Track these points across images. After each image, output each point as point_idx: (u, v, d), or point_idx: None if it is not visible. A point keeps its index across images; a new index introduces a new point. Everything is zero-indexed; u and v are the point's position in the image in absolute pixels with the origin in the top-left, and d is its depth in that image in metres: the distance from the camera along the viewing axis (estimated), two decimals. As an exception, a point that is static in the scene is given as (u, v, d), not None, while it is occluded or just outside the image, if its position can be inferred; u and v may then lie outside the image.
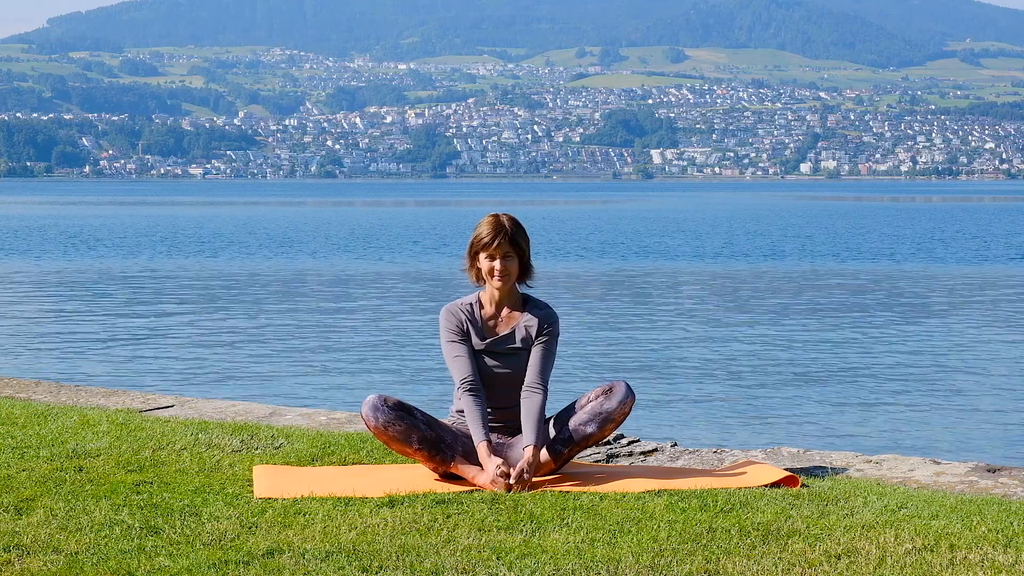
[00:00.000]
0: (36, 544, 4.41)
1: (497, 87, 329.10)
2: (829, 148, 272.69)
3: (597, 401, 5.57)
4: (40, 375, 14.73)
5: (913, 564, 4.23)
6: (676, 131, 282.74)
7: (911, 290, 27.57)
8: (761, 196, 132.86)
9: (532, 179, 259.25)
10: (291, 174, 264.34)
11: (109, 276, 30.62)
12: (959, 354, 17.34)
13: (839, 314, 22.44)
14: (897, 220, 68.02)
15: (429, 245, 43.82)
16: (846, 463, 5.98)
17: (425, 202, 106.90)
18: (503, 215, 5.71)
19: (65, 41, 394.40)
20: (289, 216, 72.40)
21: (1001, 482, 5.58)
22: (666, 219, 68.18)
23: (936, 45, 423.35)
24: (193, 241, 45.71)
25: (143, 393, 8.36)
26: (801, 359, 16.89)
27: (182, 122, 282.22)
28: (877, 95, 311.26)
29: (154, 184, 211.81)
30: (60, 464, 5.65)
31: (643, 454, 6.25)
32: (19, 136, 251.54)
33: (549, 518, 4.79)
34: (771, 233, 52.67)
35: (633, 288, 28.09)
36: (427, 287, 28.20)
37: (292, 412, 7.52)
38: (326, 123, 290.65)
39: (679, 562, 4.24)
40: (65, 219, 65.51)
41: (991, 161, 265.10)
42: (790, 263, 35.55)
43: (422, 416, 5.55)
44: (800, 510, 4.89)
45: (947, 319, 21.70)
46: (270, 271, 32.30)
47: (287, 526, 4.68)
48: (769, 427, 12.39)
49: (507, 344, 5.65)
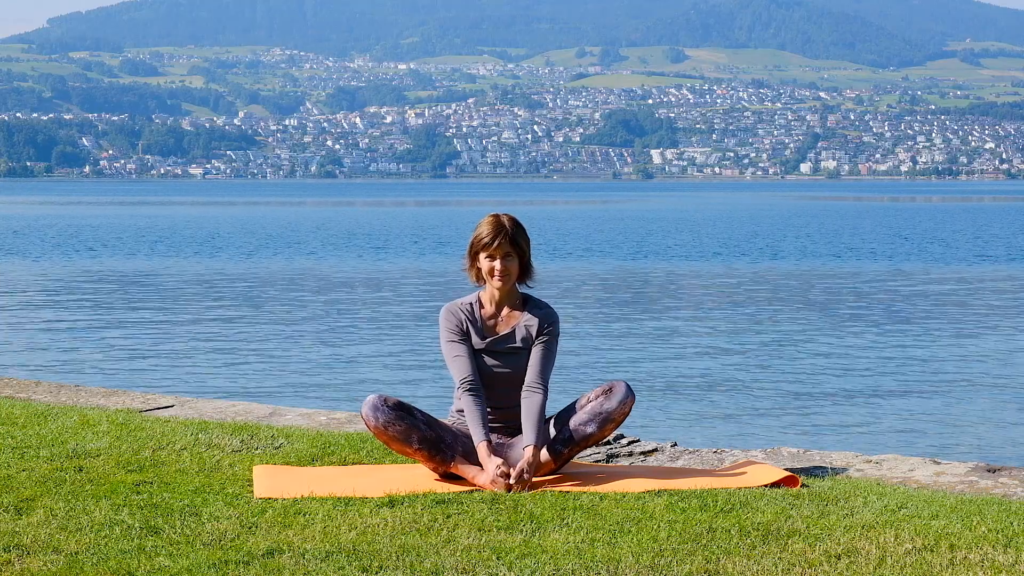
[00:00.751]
0: (36, 544, 4.41)
1: (497, 87, 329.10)
2: (829, 148, 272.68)
3: (597, 401, 5.56)
4: (40, 375, 14.73)
5: (913, 564, 4.23)
6: (676, 131, 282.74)
7: (911, 290, 27.56)
8: (761, 196, 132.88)
9: (532, 179, 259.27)
10: (291, 174, 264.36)
11: (109, 276, 30.61)
12: (959, 354, 17.34)
13: (839, 314, 22.44)
14: (897, 220, 68.02)
15: (429, 245, 43.82)
16: (846, 463, 5.98)
17: (425, 202, 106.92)
18: (503, 215, 5.71)
19: (65, 41, 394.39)
20: (289, 216, 72.40)
21: (1001, 482, 5.58)
22: (666, 219, 68.18)
23: (936, 45, 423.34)
24: (193, 241, 45.71)
25: (143, 393, 8.35)
26: (801, 359, 16.89)
27: (182, 122, 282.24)
28: (877, 95, 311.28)
29: (154, 184, 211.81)
30: (60, 464, 5.65)
31: (643, 454, 6.24)
32: (19, 136, 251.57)
33: (549, 518, 4.79)
34: (771, 233, 52.66)
35: (633, 288, 28.09)
36: (427, 287, 28.20)
37: (292, 412, 7.52)
38: (326, 123, 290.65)
39: (679, 562, 4.24)
40: (65, 219, 65.51)
41: (991, 161, 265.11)
42: (790, 263, 35.55)
43: (422, 416, 5.54)
44: (800, 510, 4.89)
45: (947, 319, 21.70)
46: (270, 271, 32.30)
47: (287, 526, 4.68)
48: (769, 427, 12.39)
49: (507, 344, 5.64)
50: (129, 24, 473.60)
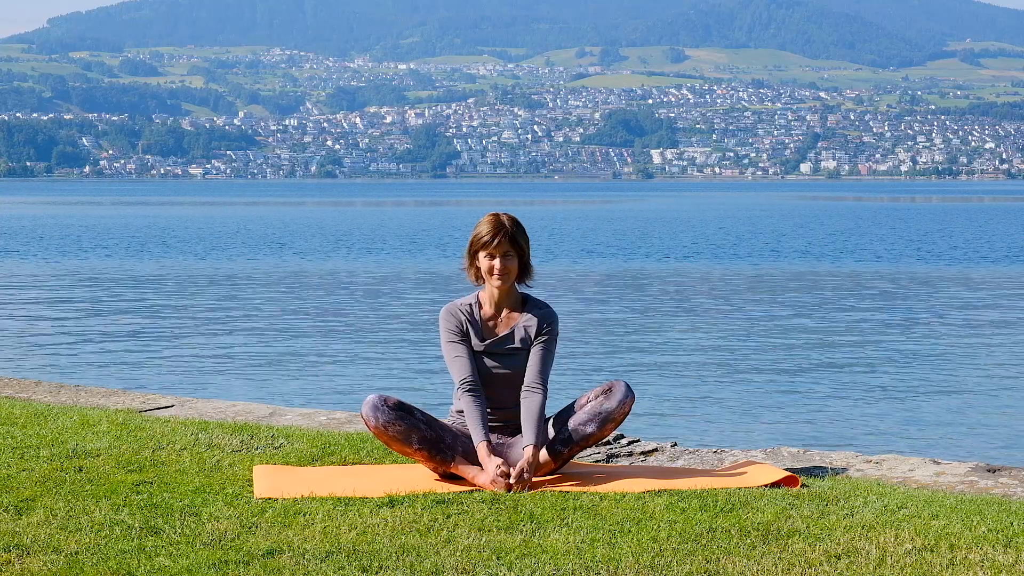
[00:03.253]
0: (36, 544, 4.41)
1: (497, 87, 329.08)
2: (829, 148, 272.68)
3: (597, 401, 5.56)
4: (40, 375, 14.72)
5: (913, 564, 4.23)
6: (676, 131, 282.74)
7: (911, 290, 27.56)
8: (761, 196, 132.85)
9: (532, 179, 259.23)
10: (291, 174, 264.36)
11: (109, 276, 30.61)
12: (959, 354, 17.34)
13: (839, 314, 22.43)
14: (897, 220, 68.01)
15: (429, 245, 43.82)
16: (846, 463, 5.98)
17: (425, 202, 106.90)
18: (503, 214, 5.70)
19: (65, 41, 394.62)
20: (289, 216, 72.40)
21: (1001, 482, 5.58)
22: (666, 219, 68.17)
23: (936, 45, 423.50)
24: (192, 241, 45.70)
25: (143, 393, 8.35)
26: (801, 359, 16.89)
27: (182, 122, 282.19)
28: (877, 95, 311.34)
29: (154, 184, 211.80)
30: (60, 464, 5.65)
31: (643, 454, 6.24)
32: (19, 136, 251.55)
33: (549, 518, 4.79)
34: (770, 233, 52.65)
35: (633, 288, 28.09)
36: (427, 287, 28.19)
37: (292, 412, 7.52)
38: (326, 123, 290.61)
39: (679, 562, 4.24)
40: (65, 219, 65.50)
41: (991, 161, 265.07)
42: (790, 263, 35.55)
43: (422, 416, 5.54)
44: (800, 510, 4.89)
45: (947, 319, 21.70)
46: (270, 271, 32.30)
47: (287, 526, 4.68)
48: (769, 427, 12.39)
49: (506, 344, 5.64)
50: (129, 24, 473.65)
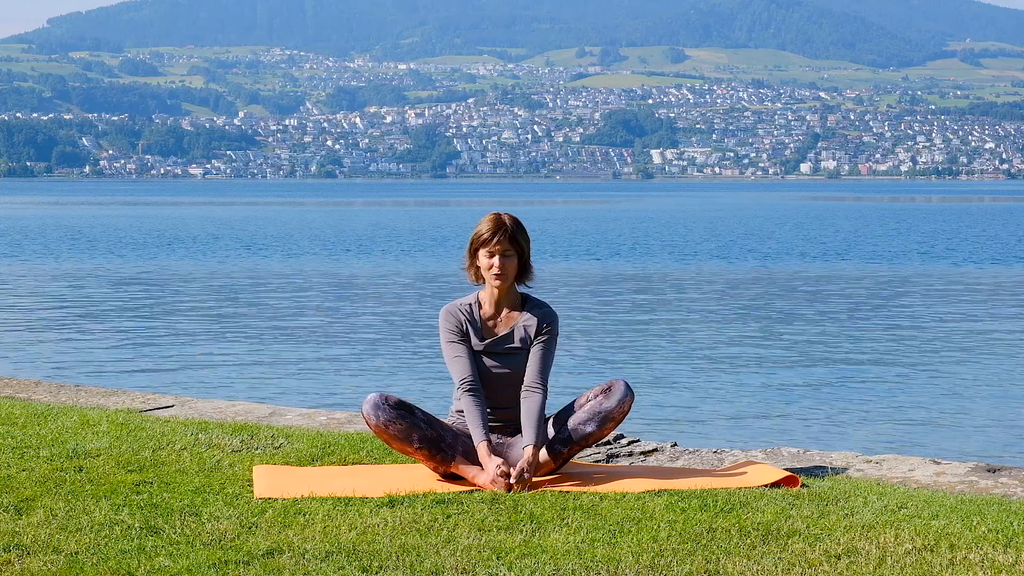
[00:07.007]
0: (36, 544, 4.41)
1: (497, 87, 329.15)
2: (829, 148, 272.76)
3: (596, 400, 5.56)
4: (40, 375, 14.72)
5: (913, 564, 4.23)
6: (676, 131, 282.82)
7: (911, 290, 27.56)
8: (761, 196, 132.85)
9: (532, 179, 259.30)
10: (291, 174, 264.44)
11: (109, 276, 30.61)
12: (959, 354, 17.34)
13: (839, 314, 22.43)
14: (896, 220, 68.01)
15: (429, 244, 43.82)
16: (846, 463, 5.98)
17: (425, 202, 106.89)
18: (504, 214, 5.71)
19: (65, 41, 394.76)
20: (289, 216, 72.40)
21: (1001, 482, 5.58)
22: (666, 219, 68.18)
23: (936, 45, 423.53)
24: (192, 241, 45.71)
25: (143, 393, 8.35)
26: (801, 359, 16.89)
27: (182, 122, 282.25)
28: (877, 95, 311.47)
29: (154, 184, 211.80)
30: (60, 464, 5.65)
31: (643, 454, 6.24)
32: (19, 136, 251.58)
33: (549, 518, 4.79)
34: (770, 233, 52.66)
35: (633, 288, 28.09)
36: (427, 287, 28.19)
37: (292, 412, 7.52)
38: (326, 123, 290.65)
39: (679, 562, 4.24)
40: (65, 219, 65.50)
41: (991, 161, 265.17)
42: (790, 263, 35.55)
43: (423, 415, 5.54)
44: (800, 510, 4.89)
45: (947, 319, 21.69)
46: (270, 271, 32.30)
47: (287, 526, 4.68)
48: (769, 427, 12.39)
49: (506, 344, 5.64)
50: (129, 24, 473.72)
